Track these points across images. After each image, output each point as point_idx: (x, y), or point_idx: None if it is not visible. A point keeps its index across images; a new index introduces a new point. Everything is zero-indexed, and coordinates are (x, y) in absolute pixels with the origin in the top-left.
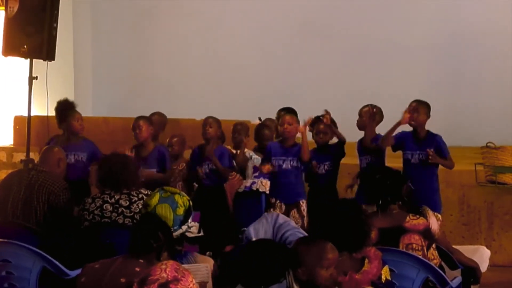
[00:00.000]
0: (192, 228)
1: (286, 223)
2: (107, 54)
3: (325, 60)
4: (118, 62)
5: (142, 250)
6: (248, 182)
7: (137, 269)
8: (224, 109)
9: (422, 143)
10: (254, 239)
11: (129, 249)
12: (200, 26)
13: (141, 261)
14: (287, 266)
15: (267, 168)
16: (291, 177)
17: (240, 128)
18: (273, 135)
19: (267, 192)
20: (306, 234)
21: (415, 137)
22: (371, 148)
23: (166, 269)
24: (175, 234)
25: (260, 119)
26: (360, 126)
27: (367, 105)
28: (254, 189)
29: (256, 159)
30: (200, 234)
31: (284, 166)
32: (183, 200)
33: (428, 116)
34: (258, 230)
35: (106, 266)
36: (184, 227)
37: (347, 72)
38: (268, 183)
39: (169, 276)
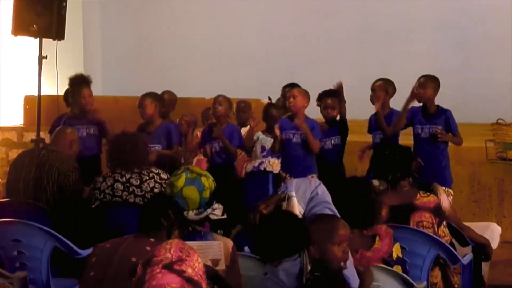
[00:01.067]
0: (216, 210)
1: (321, 196)
2: (116, 33)
3: (333, 38)
4: (127, 41)
5: (152, 228)
6: (256, 162)
7: (148, 248)
8: (234, 87)
9: (431, 118)
10: (292, 192)
11: (138, 228)
12: (208, 4)
13: (152, 240)
14: (302, 243)
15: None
16: (301, 151)
17: (243, 106)
18: (280, 115)
19: (275, 171)
20: (335, 212)
21: (424, 112)
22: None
23: (170, 249)
24: (201, 216)
25: (269, 98)
26: (374, 100)
27: (379, 79)
28: (262, 169)
29: (264, 139)
30: (223, 217)
31: (294, 140)
32: (209, 182)
33: (436, 90)
34: (299, 187)
35: (117, 246)
36: (209, 210)
37: (355, 50)
38: (277, 161)
39: (173, 257)
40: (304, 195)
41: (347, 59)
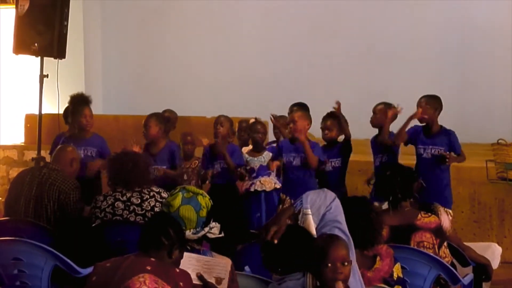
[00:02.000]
0: (214, 229)
1: (333, 212)
2: (117, 53)
3: (334, 58)
4: (128, 60)
5: (152, 247)
6: (247, 184)
7: (148, 268)
8: (234, 106)
9: (434, 138)
10: (308, 209)
11: (139, 246)
12: (209, 24)
13: (152, 259)
14: (308, 261)
15: (275, 164)
16: (302, 173)
17: (245, 126)
18: (265, 130)
19: (268, 189)
20: (345, 231)
21: (427, 132)
22: (386, 145)
23: (145, 281)
24: (198, 235)
25: (256, 119)
26: (375, 123)
27: (381, 103)
28: (253, 190)
29: (251, 160)
30: (221, 235)
31: (294, 163)
32: (205, 201)
33: (438, 110)
34: (314, 202)
35: (117, 265)
36: (207, 229)
37: (357, 70)
38: (268, 179)
39: (148, 287)
40: (318, 211)
41: (348, 79)
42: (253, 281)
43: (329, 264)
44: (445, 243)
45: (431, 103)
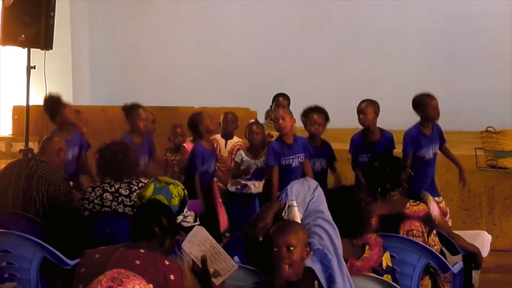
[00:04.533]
0: (188, 217)
1: (316, 201)
2: (104, 43)
3: (322, 46)
4: (115, 51)
5: (144, 237)
6: (239, 184)
7: (137, 262)
8: (222, 97)
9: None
10: (293, 201)
11: (130, 237)
12: (197, 13)
13: (142, 251)
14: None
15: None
16: (300, 174)
17: (231, 117)
18: (262, 131)
19: (260, 191)
20: (329, 220)
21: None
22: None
23: (102, 281)
24: None
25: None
26: (365, 123)
27: (364, 101)
28: (247, 192)
29: (248, 162)
30: (196, 224)
31: (293, 164)
32: (177, 190)
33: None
34: (299, 194)
35: (106, 258)
36: (180, 217)
37: (345, 58)
38: (261, 183)
39: (103, 286)
40: (303, 201)
41: (337, 67)
42: (243, 272)
43: (275, 249)
44: (434, 231)
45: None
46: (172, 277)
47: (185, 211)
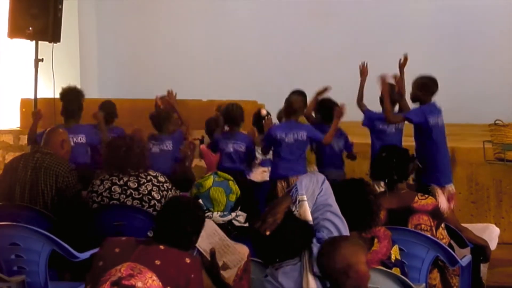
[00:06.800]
0: (240, 217)
1: (324, 194)
2: (112, 36)
3: (330, 40)
4: (123, 43)
5: (172, 236)
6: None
7: (157, 262)
8: (230, 89)
9: None
10: (304, 195)
11: (155, 236)
12: (204, 7)
13: (162, 247)
14: (304, 245)
15: None
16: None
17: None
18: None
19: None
20: (337, 213)
21: None
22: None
23: (121, 269)
24: (224, 219)
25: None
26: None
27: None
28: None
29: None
30: (246, 225)
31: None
32: (235, 188)
33: None
34: (308, 188)
35: (126, 254)
36: (233, 214)
37: (352, 52)
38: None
39: (123, 274)
40: (312, 195)
41: (344, 61)
42: (253, 265)
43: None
44: (443, 225)
45: None
46: (193, 275)
47: (238, 210)
